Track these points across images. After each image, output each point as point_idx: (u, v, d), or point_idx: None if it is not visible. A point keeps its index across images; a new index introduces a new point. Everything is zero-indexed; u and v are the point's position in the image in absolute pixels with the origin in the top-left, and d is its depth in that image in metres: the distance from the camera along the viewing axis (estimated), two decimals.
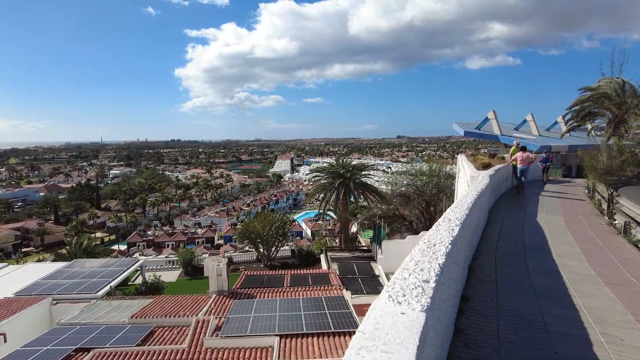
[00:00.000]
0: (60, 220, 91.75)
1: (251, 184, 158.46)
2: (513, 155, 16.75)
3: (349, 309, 15.42)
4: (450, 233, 3.64)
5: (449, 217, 4.35)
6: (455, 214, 4.47)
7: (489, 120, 29.96)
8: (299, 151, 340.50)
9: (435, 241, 3.41)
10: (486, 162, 15.65)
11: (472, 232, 5.62)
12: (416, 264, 2.98)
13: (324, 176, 34.06)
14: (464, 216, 4.41)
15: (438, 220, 4.19)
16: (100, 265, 22.96)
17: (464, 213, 4.58)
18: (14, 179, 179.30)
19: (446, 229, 3.78)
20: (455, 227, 3.83)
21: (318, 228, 66.38)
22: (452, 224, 3.99)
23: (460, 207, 4.94)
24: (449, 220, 4.14)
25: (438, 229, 3.88)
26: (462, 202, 5.35)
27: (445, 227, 3.84)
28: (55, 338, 13.85)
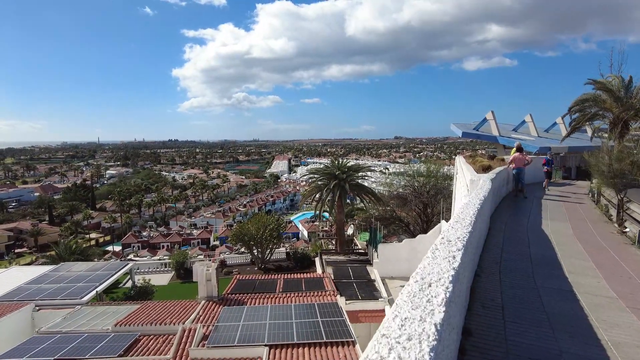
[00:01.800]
0: (55, 221, 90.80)
1: (248, 184, 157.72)
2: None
3: (342, 316, 14.80)
4: (451, 263, 2.90)
5: (448, 237, 3.58)
6: (456, 233, 3.72)
7: (487, 121, 29.44)
8: (296, 152, 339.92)
9: (430, 278, 2.67)
10: (486, 164, 15.06)
11: (475, 250, 4.89)
12: (402, 326, 2.10)
13: (319, 177, 33.42)
14: (467, 234, 3.66)
15: (435, 242, 3.48)
16: (88, 269, 22.25)
17: (467, 231, 3.82)
18: (9, 178, 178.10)
19: (445, 256, 3.03)
20: (458, 253, 3.07)
21: (315, 229, 65.75)
22: (453, 247, 3.24)
23: (462, 222, 4.18)
24: (449, 242, 3.40)
25: (435, 256, 3.10)
26: (463, 215, 4.59)
27: (445, 254, 3.07)
28: (33, 348, 13.16)
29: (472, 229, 4.07)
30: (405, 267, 21.69)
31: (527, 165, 15.34)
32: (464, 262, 3.18)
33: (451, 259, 2.99)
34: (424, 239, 21.98)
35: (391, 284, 20.68)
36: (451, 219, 5.29)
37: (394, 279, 21.41)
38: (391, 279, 21.34)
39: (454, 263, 2.91)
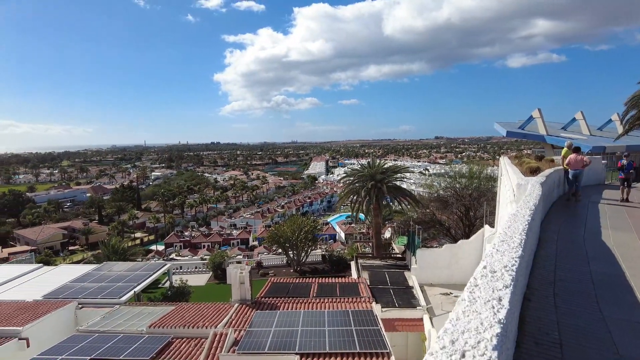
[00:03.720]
0: (104, 221, 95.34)
1: (286, 185, 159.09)
2: (565, 158, 14.75)
3: (377, 325, 14.11)
4: (496, 311, 2.13)
5: (492, 265, 2.84)
6: (502, 258, 2.94)
7: (534, 119, 27.72)
8: (334, 153, 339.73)
9: (465, 342, 1.87)
10: (534, 166, 13.86)
11: (524, 271, 3.96)
12: None
13: (355, 179, 32.74)
14: (516, 260, 2.88)
15: (475, 273, 2.74)
16: (128, 269, 22.80)
17: (516, 255, 3.03)
18: (65, 180, 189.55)
19: (487, 299, 2.25)
20: (505, 292, 2.30)
21: (352, 231, 64.99)
22: (499, 282, 2.48)
23: (510, 242, 3.38)
24: (492, 275, 2.64)
25: (473, 298, 2.31)
26: (511, 232, 3.76)
27: (486, 294, 2.29)
28: (73, 346, 13.45)
29: (522, 252, 3.26)
30: (445, 274, 20.69)
31: (585, 166, 13.93)
32: (512, 302, 2.41)
33: (495, 304, 2.23)
34: (465, 245, 20.87)
35: (430, 292, 19.74)
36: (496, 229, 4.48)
37: (433, 286, 20.45)
38: (430, 286, 20.39)
39: (499, 311, 2.15)
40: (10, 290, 20.91)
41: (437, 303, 18.19)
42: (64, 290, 19.78)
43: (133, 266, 23.78)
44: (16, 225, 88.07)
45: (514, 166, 14.70)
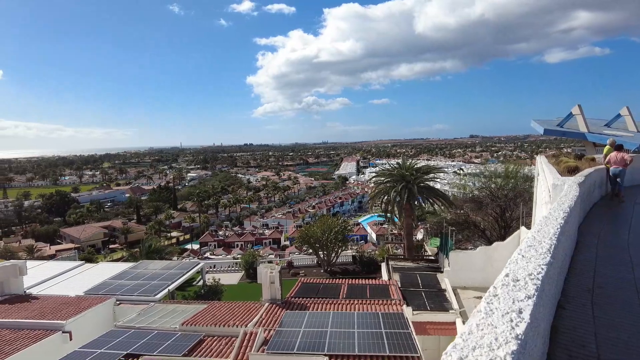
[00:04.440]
0: (142, 220, 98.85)
1: (317, 186, 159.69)
2: (607, 156, 13.97)
3: (408, 328, 13.87)
4: (513, 327, 1.89)
5: (515, 273, 2.55)
6: (527, 265, 2.67)
7: (574, 116, 26.36)
8: (365, 153, 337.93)
9: None
10: (572, 165, 13.19)
11: (557, 275, 3.59)
12: None
13: (386, 179, 32.36)
14: (543, 268, 2.61)
15: (495, 282, 2.47)
16: (162, 268, 23.49)
17: (543, 262, 2.75)
18: (106, 181, 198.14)
19: (506, 311, 2.01)
20: (527, 304, 2.05)
21: (383, 232, 64.33)
22: (521, 292, 2.20)
23: (538, 248, 3.12)
24: (515, 283, 2.36)
25: (490, 310, 2.07)
26: (540, 236, 3.46)
27: (506, 307, 2.03)
28: (111, 341, 13.98)
29: (552, 258, 2.97)
30: (479, 277, 20.09)
31: (627, 165, 13.13)
32: (536, 318, 2.14)
33: (515, 316, 2.00)
34: (501, 247, 20.18)
35: (463, 295, 19.23)
36: (530, 230, 4.17)
37: (466, 289, 19.91)
38: (463, 289, 19.87)
39: (517, 325, 1.92)
40: (55, 285, 22.04)
41: (470, 307, 17.69)
42: (103, 286, 20.63)
43: (168, 265, 24.48)
44: (62, 224, 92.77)
45: (550, 165, 14.06)
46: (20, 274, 19.73)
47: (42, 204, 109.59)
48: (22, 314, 16.91)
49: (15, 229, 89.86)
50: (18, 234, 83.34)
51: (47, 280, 22.72)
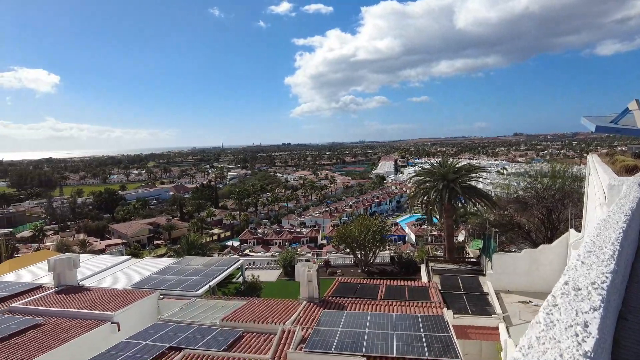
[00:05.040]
0: (185, 217, 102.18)
1: (354, 185, 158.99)
2: None
3: (448, 332, 13.51)
4: (580, 342, 1.68)
5: (576, 282, 2.32)
6: (589, 273, 2.40)
7: (630, 111, 24.54)
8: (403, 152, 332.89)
9: None
10: (631, 164, 12.35)
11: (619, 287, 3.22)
12: None
13: (426, 178, 31.67)
14: (607, 277, 2.35)
15: (554, 290, 2.10)
16: (204, 264, 24.19)
17: (607, 270, 2.47)
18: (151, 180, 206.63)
19: (569, 324, 1.79)
20: (593, 317, 1.82)
21: (422, 233, 63.03)
22: (585, 303, 1.95)
23: (599, 255, 2.82)
24: (577, 292, 2.11)
25: (551, 320, 1.87)
26: (600, 241, 3.16)
27: (569, 319, 1.81)
28: (155, 333, 14.53)
29: (616, 266, 2.69)
30: (523, 281, 19.29)
31: None
32: (603, 332, 1.91)
33: (580, 330, 1.79)
34: (547, 250, 19.26)
35: (507, 299, 18.50)
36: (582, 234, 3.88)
37: (510, 293, 19.15)
38: (507, 293, 19.12)
39: (584, 341, 1.71)
40: (105, 278, 23.22)
41: (514, 311, 17.00)
42: (148, 281, 21.50)
43: (209, 261, 25.18)
44: (111, 220, 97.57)
45: (604, 165, 13.24)
46: (74, 267, 20.94)
47: (93, 201, 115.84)
48: (75, 304, 17.93)
49: (70, 224, 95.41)
50: (72, 228, 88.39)
51: (97, 273, 23.97)
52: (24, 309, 17.65)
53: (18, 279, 23.02)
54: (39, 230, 70.87)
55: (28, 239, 69.59)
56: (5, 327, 15.45)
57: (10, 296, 19.66)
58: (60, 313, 17.11)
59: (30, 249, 53.69)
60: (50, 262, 20.54)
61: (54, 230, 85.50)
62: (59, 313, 17.11)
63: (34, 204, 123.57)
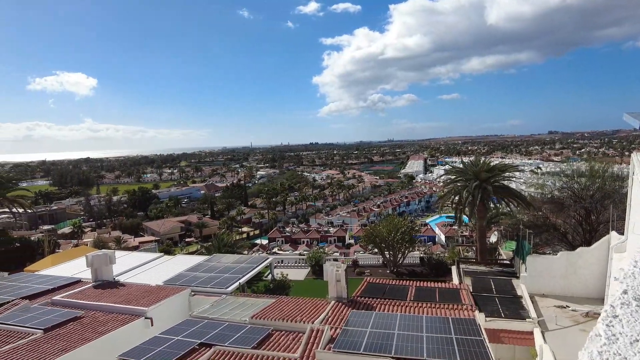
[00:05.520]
0: (215, 216, 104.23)
1: (382, 185, 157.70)
2: None
3: (480, 335, 13.17)
4: None
5: (636, 291, 2.03)
6: None
7: None
8: (433, 151, 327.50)
9: None
10: None
11: None
12: None
13: (457, 178, 31.01)
14: None
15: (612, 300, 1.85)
16: (234, 261, 24.56)
17: None
18: (183, 179, 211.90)
19: (635, 338, 1.58)
20: None
21: (453, 234, 61.86)
22: None
23: None
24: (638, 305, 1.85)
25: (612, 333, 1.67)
26: None
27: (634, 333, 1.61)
28: (186, 329, 14.88)
29: None
30: (560, 285, 18.58)
31: None
32: None
33: None
34: (586, 253, 18.47)
35: (542, 303, 17.87)
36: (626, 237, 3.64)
37: (545, 296, 18.48)
38: (542, 297, 18.46)
39: None
40: (138, 275, 23.94)
41: (550, 316, 16.38)
42: (180, 278, 22.02)
43: (239, 259, 25.55)
44: (144, 218, 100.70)
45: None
46: (110, 263, 21.73)
47: (127, 200, 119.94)
48: (111, 299, 18.60)
49: (106, 221, 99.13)
50: (108, 226, 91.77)
51: (132, 269, 24.75)
52: (65, 301, 18.46)
53: (59, 273, 24.10)
54: (78, 227, 73.97)
55: (68, 235, 72.73)
56: (48, 319, 16.24)
57: (53, 289, 20.62)
58: (97, 307, 17.80)
59: (70, 244, 56.12)
60: (88, 257, 21.40)
61: (92, 227, 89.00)
62: (96, 307, 17.80)
63: (73, 202, 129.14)
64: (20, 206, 44.86)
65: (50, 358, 13.23)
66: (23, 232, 69.08)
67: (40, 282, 21.84)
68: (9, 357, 13.26)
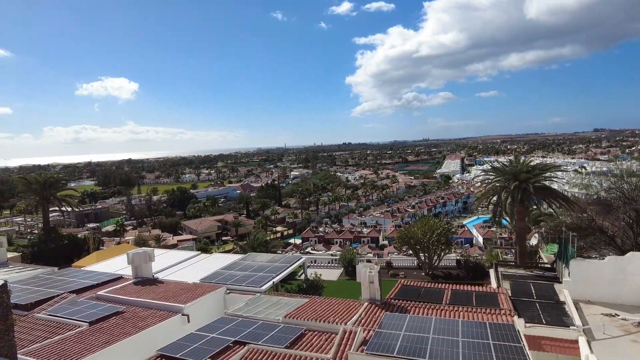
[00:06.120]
0: (251, 215, 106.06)
1: (417, 185, 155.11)
2: None
3: (519, 342, 12.67)
4: None
5: None
6: None
7: None
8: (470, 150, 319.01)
9: None
10: None
11: None
12: None
13: (496, 178, 29.99)
14: None
15: None
16: (268, 260, 24.86)
17: None
18: (220, 179, 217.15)
19: None
20: None
21: (491, 236, 59.93)
22: None
23: None
24: None
25: None
26: None
27: None
28: (221, 327, 15.16)
29: None
30: (607, 291, 17.55)
31: None
32: None
33: None
34: (637, 258, 17.35)
35: (587, 310, 16.93)
36: None
37: (591, 303, 17.51)
38: (587, 304, 17.50)
39: None
40: (176, 272, 24.69)
41: (597, 325, 15.50)
42: (216, 276, 22.52)
43: (273, 258, 25.84)
44: (183, 217, 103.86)
45: None
46: (149, 260, 22.50)
47: (167, 199, 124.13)
48: (150, 295, 19.25)
49: (146, 220, 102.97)
50: (148, 224, 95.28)
51: (170, 267, 25.56)
52: (108, 297, 19.29)
53: (103, 269, 25.26)
54: (120, 225, 77.26)
55: (111, 233, 76.11)
56: (93, 312, 17.04)
57: (97, 285, 21.60)
58: (137, 303, 18.48)
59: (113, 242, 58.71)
60: (129, 255, 22.26)
61: (133, 225, 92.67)
62: (136, 302, 18.48)
63: (116, 201, 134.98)
64: (69, 205, 47.31)
65: (95, 350, 13.86)
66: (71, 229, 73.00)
67: (86, 277, 22.95)
68: (59, 347, 14.03)
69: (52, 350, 13.81)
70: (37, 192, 43.31)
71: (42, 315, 17.22)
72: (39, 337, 15.08)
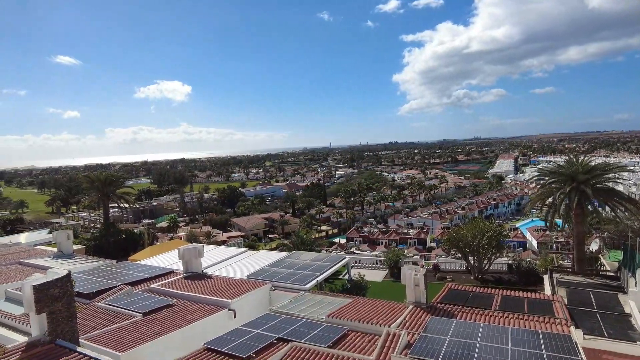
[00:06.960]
0: (296, 214, 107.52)
1: (467, 185, 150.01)
2: None
3: (577, 355, 11.86)
4: None
5: None
6: None
7: None
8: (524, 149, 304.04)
9: None
10: None
11: None
12: None
13: (551, 179, 28.30)
14: None
15: None
16: (312, 259, 25.04)
17: None
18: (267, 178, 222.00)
19: None
20: None
21: (546, 240, 56.68)
22: None
23: None
24: None
25: None
26: None
27: None
28: (266, 323, 15.44)
29: None
30: None
31: None
32: None
33: None
34: None
35: None
36: None
37: None
38: None
39: None
40: (225, 268, 25.48)
41: None
42: (261, 272, 23.00)
43: (317, 257, 26.00)
44: (232, 214, 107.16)
45: None
46: (199, 256, 23.36)
47: (217, 197, 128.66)
48: (199, 290, 19.99)
49: (198, 217, 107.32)
50: (200, 221, 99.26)
51: (218, 263, 26.43)
52: (160, 290, 20.25)
53: (156, 264, 26.57)
54: (174, 221, 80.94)
55: (165, 229, 79.97)
56: (147, 304, 17.96)
57: (150, 278, 22.76)
58: (187, 296, 19.24)
59: (166, 237, 61.61)
60: (180, 250, 23.24)
61: (185, 222, 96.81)
62: (186, 296, 19.26)
63: (170, 198, 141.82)
64: (126, 202, 50.22)
65: (148, 339, 14.59)
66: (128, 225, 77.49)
67: (140, 270, 24.24)
68: (116, 335, 14.93)
69: (109, 337, 14.71)
70: (98, 189, 46.33)
71: (101, 304, 18.39)
72: (99, 325, 16.11)
